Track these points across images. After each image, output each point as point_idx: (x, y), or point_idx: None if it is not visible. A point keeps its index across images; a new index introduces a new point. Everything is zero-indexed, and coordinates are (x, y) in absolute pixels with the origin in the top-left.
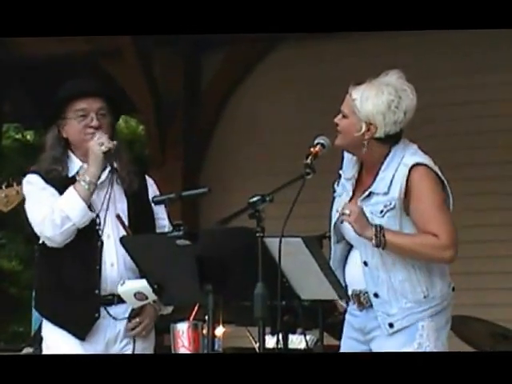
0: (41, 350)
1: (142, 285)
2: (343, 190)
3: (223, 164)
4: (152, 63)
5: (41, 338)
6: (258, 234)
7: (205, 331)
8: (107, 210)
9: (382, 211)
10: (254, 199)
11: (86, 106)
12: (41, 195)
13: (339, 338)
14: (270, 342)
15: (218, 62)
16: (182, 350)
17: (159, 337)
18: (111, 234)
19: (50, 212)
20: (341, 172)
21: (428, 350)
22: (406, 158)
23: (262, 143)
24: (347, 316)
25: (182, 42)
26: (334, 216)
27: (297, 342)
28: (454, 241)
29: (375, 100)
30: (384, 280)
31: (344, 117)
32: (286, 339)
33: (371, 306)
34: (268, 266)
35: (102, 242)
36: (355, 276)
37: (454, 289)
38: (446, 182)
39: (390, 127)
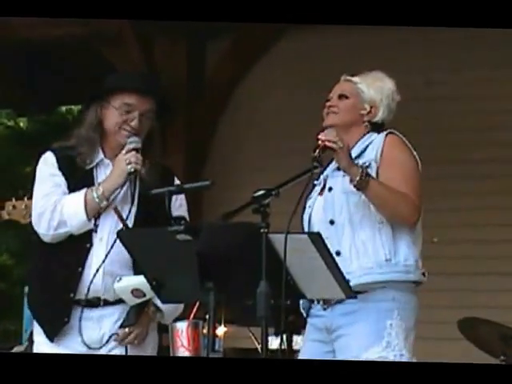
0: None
1: (139, 281)
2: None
3: (227, 157)
4: (153, 51)
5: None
6: (262, 230)
7: (205, 330)
8: (108, 212)
9: None
10: (259, 193)
11: (134, 102)
12: (47, 183)
13: None
14: (274, 342)
15: (222, 51)
16: (181, 350)
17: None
18: (104, 238)
19: (51, 210)
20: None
21: (397, 348)
22: (379, 135)
23: (268, 136)
24: (310, 319)
25: (184, 30)
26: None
27: (301, 343)
28: (420, 205)
29: (382, 85)
30: (348, 237)
31: (344, 98)
32: (290, 340)
33: (337, 302)
34: (272, 263)
35: (91, 245)
36: None
37: (424, 274)
38: (414, 152)
39: (387, 114)
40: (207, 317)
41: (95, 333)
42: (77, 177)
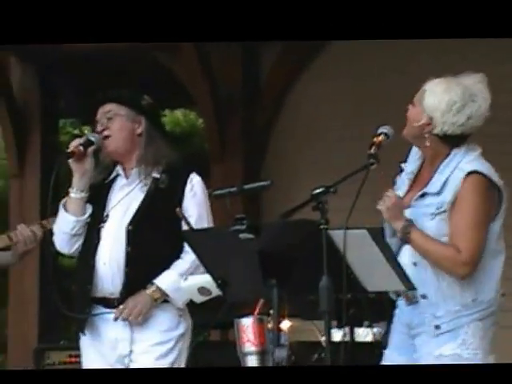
0: None
1: (205, 280)
2: (402, 184)
3: (284, 159)
4: (210, 55)
5: None
6: (322, 226)
7: (270, 325)
8: (118, 208)
9: (432, 213)
10: (318, 191)
11: (98, 115)
12: None
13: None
14: (336, 335)
15: (277, 54)
16: (248, 345)
17: (223, 331)
18: (111, 233)
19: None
20: (402, 165)
21: (471, 347)
22: (464, 163)
23: (324, 137)
24: (397, 310)
25: None
26: None
27: (363, 334)
28: (474, 260)
29: (439, 96)
30: (432, 281)
31: (413, 105)
32: (352, 332)
33: (417, 301)
34: (333, 258)
35: (99, 240)
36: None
37: (503, 294)
38: (502, 190)
39: (448, 127)
40: (271, 312)
41: (110, 334)
42: (93, 191)
